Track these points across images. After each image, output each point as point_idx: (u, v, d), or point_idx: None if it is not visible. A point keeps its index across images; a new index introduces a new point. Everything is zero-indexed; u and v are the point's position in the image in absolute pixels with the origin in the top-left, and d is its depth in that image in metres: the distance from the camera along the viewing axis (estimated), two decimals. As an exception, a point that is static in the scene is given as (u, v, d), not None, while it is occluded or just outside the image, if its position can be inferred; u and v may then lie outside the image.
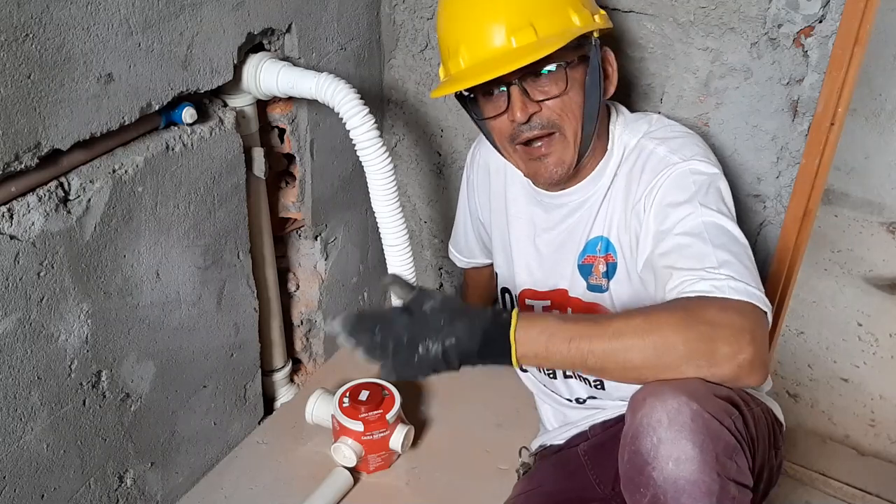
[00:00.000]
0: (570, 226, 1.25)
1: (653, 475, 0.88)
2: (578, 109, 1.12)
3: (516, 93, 1.10)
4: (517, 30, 1.09)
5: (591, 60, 1.13)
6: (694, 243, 1.03)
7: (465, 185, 1.48)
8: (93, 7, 1.03)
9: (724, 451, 0.89)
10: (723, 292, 0.95)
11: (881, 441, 1.66)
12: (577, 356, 0.93)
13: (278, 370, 1.69)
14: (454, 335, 0.92)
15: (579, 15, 1.12)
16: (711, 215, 1.05)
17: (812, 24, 1.27)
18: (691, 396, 0.89)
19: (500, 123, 1.14)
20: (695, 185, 1.08)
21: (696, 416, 0.88)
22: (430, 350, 0.92)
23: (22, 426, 1.10)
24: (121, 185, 1.14)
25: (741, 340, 0.91)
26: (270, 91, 1.35)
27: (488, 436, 1.59)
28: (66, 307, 1.12)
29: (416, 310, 0.95)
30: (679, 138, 1.17)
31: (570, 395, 1.36)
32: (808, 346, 1.67)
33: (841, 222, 1.56)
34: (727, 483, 0.88)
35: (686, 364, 0.92)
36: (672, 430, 0.88)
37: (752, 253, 1.04)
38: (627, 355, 0.92)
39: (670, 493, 0.87)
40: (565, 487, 1.28)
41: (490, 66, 1.08)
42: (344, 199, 1.69)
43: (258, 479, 1.50)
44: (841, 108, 1.28)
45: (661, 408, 0.89)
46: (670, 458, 0.87)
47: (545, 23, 1.09)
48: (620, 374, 0.95)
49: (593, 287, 1.25)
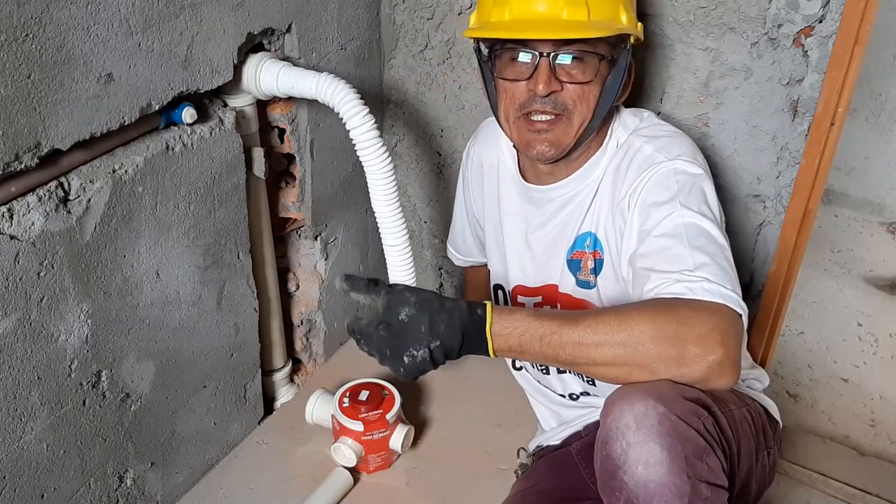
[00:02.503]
0: (561, 221, 1.26)
1: (624, 479, 0.90)
2: (593, 102, 1.13)
3: (545, 65, 1.10)
4: (573, 4, 1.09)
5: (619, 62, 1.14)
6: (673, 245, 1.03)
7: (461, 182, 1.48)
8: (93, 7, 1.03)
9: (693, 452, 0.90)
10: (696, 294, 0.95)
11: (881, 441, 1.66)
12: (550, 352, 0.95)
13: (278, 370, 1.69)
14: (437, 338, 0.95)
15: (627, 14, 1.14)
16: (692, 216, 1.05)
17: (812, 24, 1.27)
18: (658, 399, 0.90)
19: (517, 89, 1.13)
20: (677, 185, 1.09)
21: (662, 418, 0.89)
22: (417, 356, 0.96)
23: (22, 426, 1.10)
24: (121, 185, 1.14)
25: (711, 342, 0.92)
26: (270, 91, 1.35)
27: (488, 436, 1.59)
28: (66, 307, 1.12)
29: (393, 321, 0.97)
30: (666, 137, 1.17)
31: (563, 391, 1.36)
32: (808, 346, 1.67)
33: (841, 222, 1.56)
34: (698, 484, 0.89)
35: (656, 363, 0.92)
36: (640, 434, 0.89)
37: (731, 255, 1.04)
38: (598, 352, 0.93)
39: (642, 497, 0.88)
40: (560, 486, 1.29)
41: (536, 26, 1.09)
42: (344, 199, 1.69)
43: (258, 479, 1.50)
44: (841, 108, 1.28)
45: (628, 412, 0.90)
46: (639, 461, 0.89)
47: (599, 8, 1.10)
48: (591, 370, 0.97)
49: (582, 283, 1.25)
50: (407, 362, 0.96)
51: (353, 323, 1.01)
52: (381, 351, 0.97)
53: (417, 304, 0.97)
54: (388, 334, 0.97)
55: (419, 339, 0.95)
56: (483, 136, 1.39)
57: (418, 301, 0.97)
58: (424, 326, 0.95)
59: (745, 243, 1.48)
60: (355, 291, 1.02)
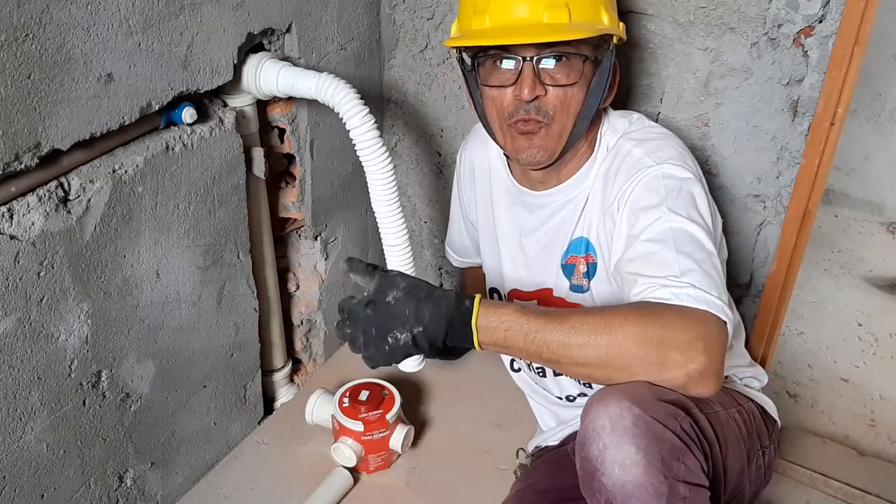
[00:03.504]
0: (554, 226, 1.25)
1: (602, 480, 0.90)
2: (577, 106, 1.12)
3: (529, 69, 1.09)
4: (554, 6, 1.08)
5: (603, 63, 1.13)
6: (659, 250, 1.03)
7: (456, 185, 1.48)
8: (93, 7, 1.03)
9: (669, 452, 0.90)
10: (681, 300, 0.95)
11: (881, 441, 1.66)
12: (534, 349, 0.95)
13: (278, 370, 1.69)
14: (421, 324, 0.96)
15: (608, 15, 1.13)
16: (679, 221, 1.04)
17: (812, 24, 1.27)
18: (634, 401, 0.91)
19: (503, 96, 1.13)
20: (665, 190, 1.08)
21: (637, 420, 0.89)
22: (400, 339, 0.97)
23: (22, 426, 1.10)
24: (121, 185, 1.14)
25: (694, 349, 0.92)
26: (270, 91, 1.35)
27: (488, 436, 1.59)
28: (66, 307, 1.12)
29: (381, 301, 0.98)
30: (656, 140, 1.16)
31: (560, 394, 1.36)
32: (808, 346, 1.67)
33: (841, 222, 1.56)
34: (676, 484, 0.89)
35: (637, 366, 0.93)
36: (615, 436, 0.90)
37: (718, 261, 1.04)
38: (581, 352, 0.93)
39: (619, 497, 0.89)
40: (558, 485, 1.29)
41: (517, 32, 1.08)
42: (344, 199, 1.69)
43: (258, 479, 1.50)
44: (841, 108, 1.28)
45: (604, 413, 0.91)
46: (616, 462, 0.89)
47: (580, 9, 1.10)
48: (573, 369, 0.97)
49: (575, 287, 1.25)
50: (390, 343, 0.97)
51: (344, 301, 1.02)
52: (366, 330, 0.98)
53: (406, 289, 0.98)
54: (374, 314, 0.98)
55: (403, 322, 0.96)
56: (473, 140, 1.39)
57: (407, 286, 0.98)
58: (409, 311, 0.96)
59: (745, 243, 1.49)
60: (354, 273, 1.04)
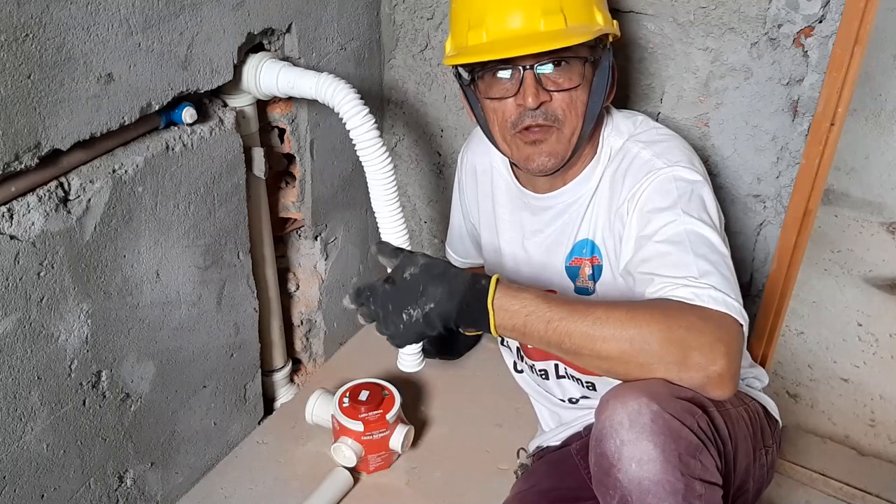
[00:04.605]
0: (557, 228, 1.25)
1: (618, 476, 0.90)
2: (582, 107, 1.12)
3: (530, 78, 1.09)
4: (549, 13, 1.08)
5: (601, 62, 1.13)
6: (675, 251, 1.03)
7: (457, 187, 1.48)
8: (93, 7, 1.03)
9: (686, 450, 0.90)
10: (703, 301, 0.95)
11: (881, 441, 1.66)
12: (554, 338, 0.93)
13: (278, 370, 1.69)
14: (433, 300, 0.95)
15: (602, 14, 1.13)
16: (693, 223, 1.04)
17: (812, 24, 1.27)
18: (652, 398, 0.90)
19: (506, 107, 1.13)
20: (677, 192, 1.08)
21: (656, 416, 0.89)
22: (413, 316, 0.95)
23: (22, 426, 1.10)
24: (121, 185, 1.14)
25: (716, 352, 0.92)
26: (270, 91, 1.35)
27: (488, 436, 1.59)
28: (66, 307, 1.12)
29: (398, 278, 0.97)
30: (664, 142, 1.17)
31: (562, 396, 1.36)
32: (808, 346, 1.67)
33: (841, 222, 1.56)
34: (692, 482, 0.89)
35: (657, 364, 0.92)
36: (633, 432, 0.89)
37: (731, 263, 1.04)
38: (604, 345, 0.92)
39: (635, 494, 0.89)
40: (559, 486, 1.29)
41: (517, 43, 1.08)
42: (344, 199, 1.69)
43: (258, 479, 1.50)
44: (841, 108, 1.28)
45: (622, 410, 0.91)
46: (633, 459, 0.89)
47: (574, 13, 1.10)
48: (593, 362, 0.95)
49: (580, 290, 1.25)
50: (405, 319, 0.95)
51: (366, 282, 1.01)
52: (385, 306, 0.96)
53: (423, 266, 0.97)
54: (392, 289, 0.97)
55: (416, 298, 0.95)
56: (475, 143, 1.39)
57: (425, 264, 0.97)
58: (422, 286, 0.95)
59: (745, 243, 1.49)
60: (381, 255, 1.04)
